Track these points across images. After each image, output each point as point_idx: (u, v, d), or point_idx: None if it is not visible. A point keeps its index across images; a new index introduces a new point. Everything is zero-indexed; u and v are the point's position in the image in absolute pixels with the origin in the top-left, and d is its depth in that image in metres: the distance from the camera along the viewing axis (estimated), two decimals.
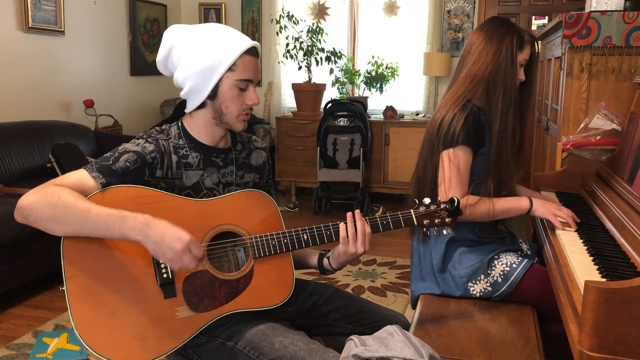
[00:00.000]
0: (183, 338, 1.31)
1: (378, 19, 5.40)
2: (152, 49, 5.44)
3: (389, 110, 5.10)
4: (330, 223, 1.44)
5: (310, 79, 5.23)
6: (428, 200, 1.46)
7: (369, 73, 5.29)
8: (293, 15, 5.12)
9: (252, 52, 1.42)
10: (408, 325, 1.62)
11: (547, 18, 4.88)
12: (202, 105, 1.45)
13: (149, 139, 1.43)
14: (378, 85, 5.27)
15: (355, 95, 5.42)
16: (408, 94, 5.38)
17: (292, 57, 5.18)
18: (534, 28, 4.90)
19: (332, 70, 5.21)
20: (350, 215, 1.42)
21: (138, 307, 1.28)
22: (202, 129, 1.48)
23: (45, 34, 4.20)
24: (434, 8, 5.18)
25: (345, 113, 4.86)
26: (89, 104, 4.46)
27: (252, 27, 5.72)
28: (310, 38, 5.10)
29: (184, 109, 1.50)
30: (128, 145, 1.40)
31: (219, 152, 1.51)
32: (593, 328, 1.06)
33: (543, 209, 1.71)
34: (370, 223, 1.43)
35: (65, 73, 4.44)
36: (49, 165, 3.67)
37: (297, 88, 5.23)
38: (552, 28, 2.68)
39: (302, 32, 5.13)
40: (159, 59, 1.47)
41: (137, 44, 5.24)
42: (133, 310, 1.28)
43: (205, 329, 1.34)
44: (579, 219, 1.68)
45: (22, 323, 2.72)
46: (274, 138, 5.33)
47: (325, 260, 1.54)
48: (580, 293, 1.17)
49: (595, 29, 2.17)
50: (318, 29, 5.11)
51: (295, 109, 5.31)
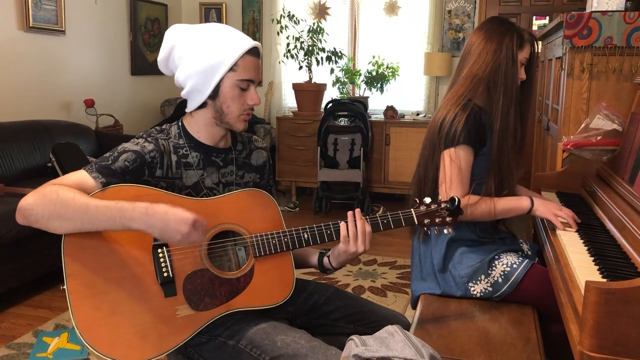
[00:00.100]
0: (183, 337, 1.31)
1: (379, 19, 5.40)
2: (152, 49, 5.44)
3: (390, 110, 5.10)
4: (331, 222, 1.44)
5: (311, 79, 5.23)
6: (429, 200, 1.46)
7: (370, 73, 5.29)
8: (294, 15, 5.12)
9: (253, 52, 1.42)
10: (408, 325, 1.62)
11: (547, 18, 4.89)
12: (202, 105, 1.45)
13: (149, 139, 1.43)
14: (379, 85, 5.27)
15: (356, 95, 5.42)
16: (409, 94, 5.38)
17: (292, 57, 5.18)
18: (535, 28, 4.91)
19: (332, 70, 5.21)
20: (351, 214, 1.42)
21: (138, 305, 1.28)
22: (202, 129, 1.48)
23: (46, 34, 4.20)
24: (435, 8, 5.18)
25: (346, 113, 4.86)
26: (90, 104, 4.46)
27: (252, 26, 5.72)
28: (311, 38, 5.10)
29: (185, 109, 1.50)
30: (127, 145, 1.40)
31: (219, 151, 1.51)
32: (594, 328, 1.06)
33: (544, 209, 1.71)
34: (371, 222, 1.43)
35: (66, 73, 4.44)
36: (50, 165, 3.67)
37: (297, 88, 5.23)
38: (553, 28, 2.68)
39: (302, 32, 5.13)
40: (160, 59, 1.47)
41: (137, 44, 5.24)
42: (133, 309, 1.28)
43: (206, 328, 1.34)
44: (580, 219, 1.68)
45: (22, 322, 2.72)
46: (275, 138, 5.33)
47: (326, 259, 1.54)
48: (581, 293, 1.17)
49: (596, 29, 2.17)
50: (319, 29, 5.11)
51: (296, 109, 5.31)
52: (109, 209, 1.23)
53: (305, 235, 1.42)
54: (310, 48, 5.11)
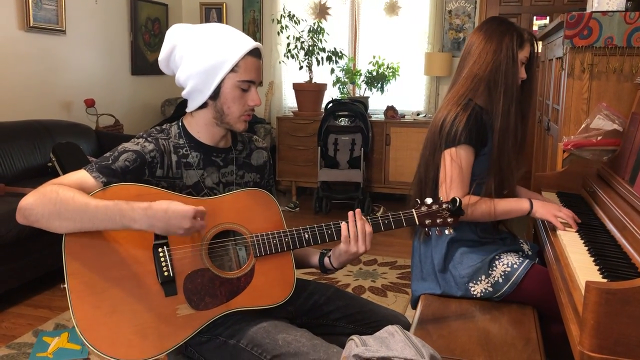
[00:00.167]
0: (184, 336, 1.31)
1: (379, 19, 5.40)
2: (153, 49, 5.44)
3: (390, 110, 5.10)
4: (332, 222, 1.44)
5: (311, 79, 5.23)
6: (430, 200, 1.46)
7: (370, 73, 5.29)
8: (294, 15, 5.12)
9: (254, 53, 1.42)
10: (409, 325, 1.62)
11: (548, 18, 4.88)
12: (203, 106, 1.45)
13: (149, 138, 1.43)
14: (379, 85, 5.27)
15: (356, 95, 5.42)
16: (409, 94, 5.38)
17: (293, 56, 5.18)
18: (535, 28, 4.90)
19: (333, 70, 5.21)
20: (352, 214, 1.42)
21: (139, 304, 1.28)
22: (202, 129, 1.48)
23: (47, 34, 4.20)
24: (435, 8, 5.18)
25: (346, 113, 4.86)
26: (90, 104, 4.46)
27: (253, 26, 5.72)
28: (312, 38, 5.10)
29: (185, 109, 1.50)
30: (128, 145, 1.40)
31: (219, 151, 1.51)
32: (594, 328, 1.06)
33: (543, 211, 1.71)
34: (372, 222, 1.43)
35: (66, 72, 4.44)
36: (50, 165, 3.67)
37: (298, 88, 5.23)
38: (553, 28, 2.68)
39: (303, 31, 5.13)
40: (161, 58, 1.47)
41: (138, 44, 5.24)
42: (134, 308, 1.28)
43: (207, 328, 1.35)
44: (580, 220, 1.68)
45: (22, 322, 2.72)
46: (275, 138, 5.33)
47: (327, 260, 1.54)
48: (581, 293, 1.17)
49: (597, 30, 2.17)
50: (319, 29, 5.11)
51: (296, 109, 5.31)
52: (109, 209, 1.24)
53: (306, 235, 1.42)
54: (311, 48, 5.11)
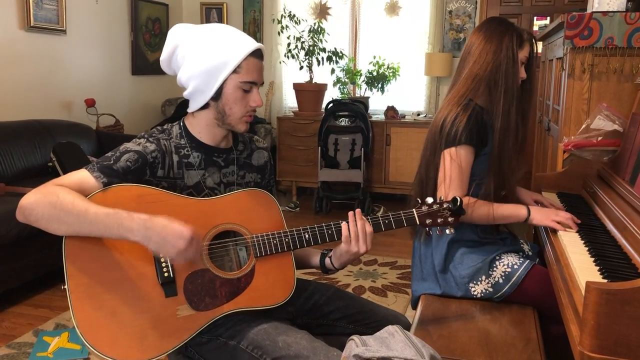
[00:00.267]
0: (184, 337, 1.31)
1: (379, 19, 5.40)
2: (153, 49, 5.44)
3: (390, 111, 5.10)
4: (332, 222, 1.44)
5: (312, 79, 5.23)
6: (431, 200, 1.46)
7: (371, 73, 5.29)
8: (294, 15, 5.12)
9: (256, 54, 1.42)
10: (409, 326, 1.62)
11: (548, 19, 4.88)
12: (205, 106, 1.44)
13: (150, 139, 1.43)
14: (379, 86, 5.27)
15: (357, 96, 5.42)
16: (409, 94, 5.38)
17: (293, 57, 5.18)
18: (536, 29, 4.90)
19: (333, 70, 5.21)
20: (352, 214, 1.42)
21: (139, 305, 1.28)
22: (203, 129, 1.48)
23: (47, 33, 4.20)
24: (436, 8, 5.18)
25: (347, 113, 4.86)
26: (91, 103, 4.46)
27: (253, 26, 5.72)
28: (312, 38, 5.10)
29: (186, 109, 1.50)
30: (129, 145, 1.40)
31: (220, 152, 1.51)
32: (594, 329, 1.06)
33: (541, 217, 1.71)
34: (373, 222, 1.43)
35: (67, 72, 4.44)
36: (50, 165, 3.67)
37: (298, 88, 5.23)
38: (553, 29, 2.68)
39: (303, 32, 5.13)
40: (163, 58, 1.47)
41: (138, 44, 5.24)
42: (134, 309, 1.28)
43: (207, 328, 1.34)
44: (580, 220, 1.68)
45: (22, 322, 2.72)
46: (275, 138, 5.33)
47: (327, 260, 1.54)
48: (582, 294, 1.17)
49: (597, 30, 2.17)
50: (319, 29, 5.11)
51: (297, 109, 5.31)
52: (108, 217, 1.22)
53: (307, 236, 1.42)
54: (311, 48, 5.11)
